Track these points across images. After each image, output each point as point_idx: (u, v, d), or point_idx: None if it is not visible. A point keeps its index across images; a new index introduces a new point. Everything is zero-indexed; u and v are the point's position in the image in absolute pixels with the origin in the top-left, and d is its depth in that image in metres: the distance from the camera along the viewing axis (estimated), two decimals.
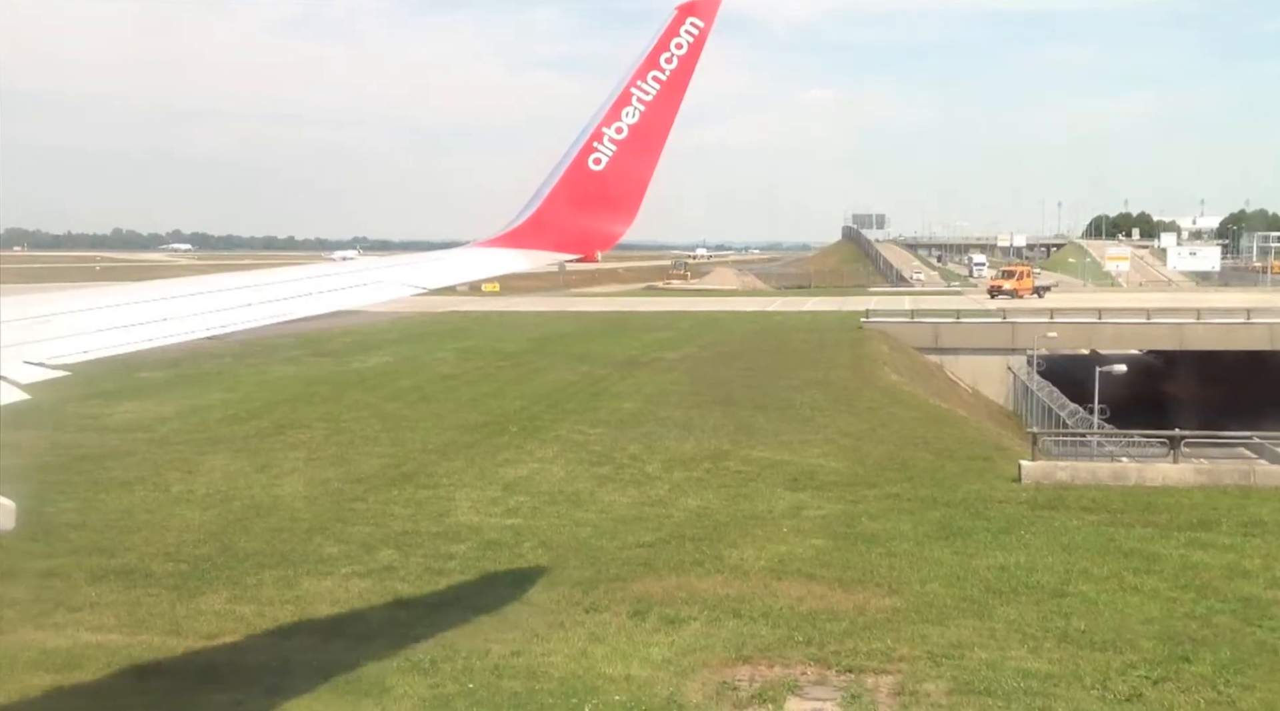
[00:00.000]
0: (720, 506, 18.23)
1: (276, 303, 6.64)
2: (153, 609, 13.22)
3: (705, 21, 7.51)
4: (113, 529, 17.15)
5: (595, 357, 45.23)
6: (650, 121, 7.49)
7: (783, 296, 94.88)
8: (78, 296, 6.62)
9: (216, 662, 11.31)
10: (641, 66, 7.51)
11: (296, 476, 21.19)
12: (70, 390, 28.18)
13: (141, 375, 38.10)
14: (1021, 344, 56.50)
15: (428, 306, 77.43)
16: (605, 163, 7.47)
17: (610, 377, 38.25)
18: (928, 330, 57.73)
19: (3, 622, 12.78)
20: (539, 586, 13.71)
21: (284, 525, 17.29)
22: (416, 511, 18.25)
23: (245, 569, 14.80)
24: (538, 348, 49.32)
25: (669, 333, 57.61)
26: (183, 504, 18.97)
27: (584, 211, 7.53)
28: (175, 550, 15.84)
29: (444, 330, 59.86)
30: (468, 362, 42.97)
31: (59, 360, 5.52)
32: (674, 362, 43.17)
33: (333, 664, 11.15)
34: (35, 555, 15.60)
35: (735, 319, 66.90)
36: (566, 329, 60.17)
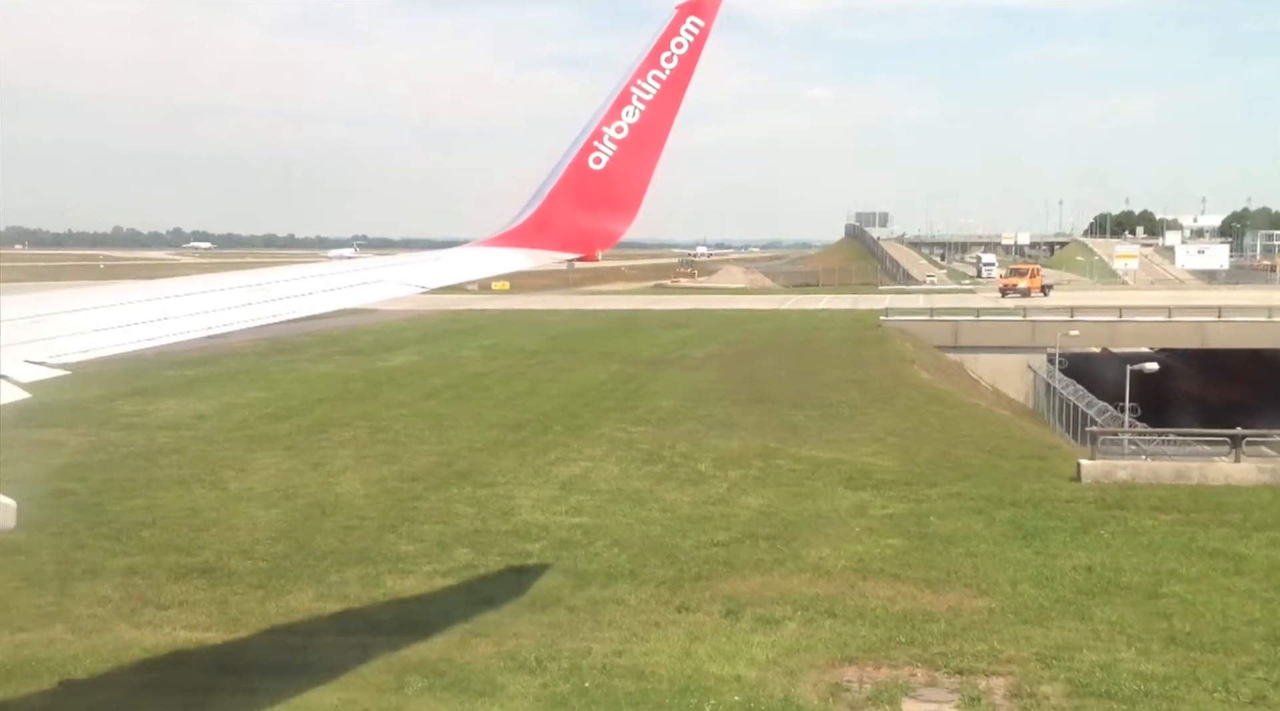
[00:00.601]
0: (783, 505, 18.26)
1: (277, 302, 6.66)
2: (242, 607, 13.25)
3: (706, 21, 7.51)
4: (182, 527, 17.18)
5: (621, 356, 45.27)
6: (650, 121, 7.49)
7: (794, 295, 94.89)
8: (78, 295, 6.64)
9: (319, 661, 11.33)
10: (642, 66, 7.51)
11: (351, 474, 21.21)
12: (107, 387, 28.41)
13: (174, 372, 38.19)
14: (1041, 342, 56.52)
15: (443, 305, 77.38)
16: (606, 162, 7.47)
17: (641, 376, 38.29)
18: (947, 328, 57.76)
19: (96, 621, 12.83)
20: (625, 585, 13.74)
21: (352, 523, 17.32)
22: (480, 510, 18.27)
23: (326, 567, 14.84)
24: (561, 346, 49.35)
25: (689, 331, 57.66)
26: (245, 502, 18.99)
27: (585, 210, 7.54)
28: (250, 548, 15.87)
29: (464, 328, 59.90)
30: (495, 361, 42.98)
31: (60, 359, 5.53)
32: (701, 361, 43.22)
33: (437, 661, 11.19)
34: (114, 553, 15.68)
35: (752, 317, 66.92)
36: (585, 327, 60.19)
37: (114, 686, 10.78)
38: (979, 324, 58.58)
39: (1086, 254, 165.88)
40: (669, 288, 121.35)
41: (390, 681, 10.75)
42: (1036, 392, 54.13)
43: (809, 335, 54.68)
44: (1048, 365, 55.44)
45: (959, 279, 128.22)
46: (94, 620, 12.88)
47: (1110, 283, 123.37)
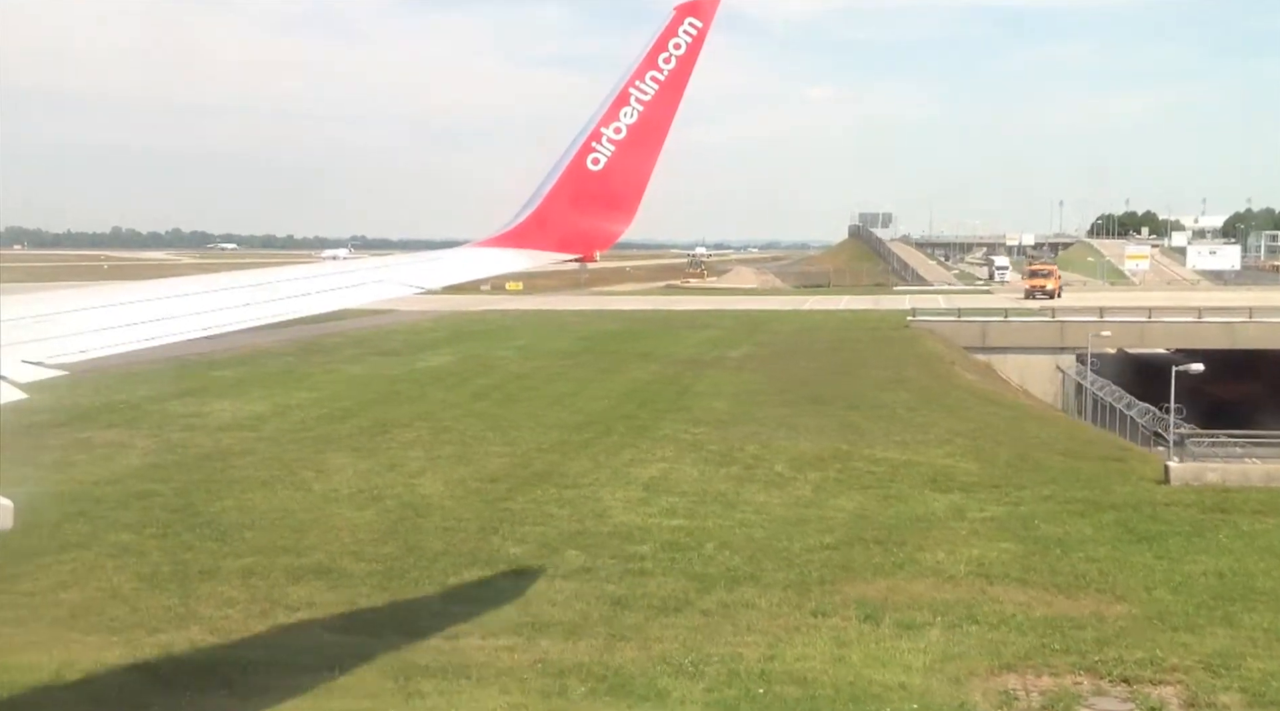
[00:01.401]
0: (876, 508, 18.24)
1: (276, 302, 6.66)
2: (374, 609, 13.22)
3: (704, 22, 7.52)
4: (282, 528, 17.16)
5: (656, 356, 45.25)
6: (648, 122, 7.50)
7: (809, 295, 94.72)
8: (76, 296, 6.64)
9: (471, 663, 11.29)
10: (640, 67, 7.51)
11: (430, 476, 21.17)
12: (155, 388, 28.37)
13: (218, 373, 38.24)
14: (1071, 343, 56.53)
15: (462, 306, 77.39)
16: (604, 163, 7.47)
17: (684, 376, 38.26)
18: (975, 329, 57.69)
19: (230, 622, 12.80)
20: (750, 589, 13.72)
21: (451, 525, 17.29)
22: (573, 511, 18.25)
23: (441, 569, 14.84)
24: (592, 346, 49.30)
25: (716, 331, 57.64)
26: (334, 503, 18.96)
27: (583, 211, 7.54)
28: (359, 550, 15.85)
29: (489, 329, 59.85)
30: (532, 362, 42.92)
31: (57, 360, 5.46)
32: (739, 361, 43.18)
33: (591, 665, 11.17)
34: (223, 554, 15.67)
35: (775, 318, 66.87)
36: (610, 328, 60.10)
37: (301, 690, 10.71)
38: (1007, 325, 58.55)
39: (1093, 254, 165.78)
40: (680, 288, 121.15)
41: (550, 685, 10.74)
42: (1066, 393, 54.04)
43: (839, 336, 54.64)
44: (1077, 365, 55.51)
45: (968, 281, 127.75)
46: (227, 621, 12.85)
47: (1119, 283, 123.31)
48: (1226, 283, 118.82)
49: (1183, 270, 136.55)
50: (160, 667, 11.29)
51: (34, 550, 15.77)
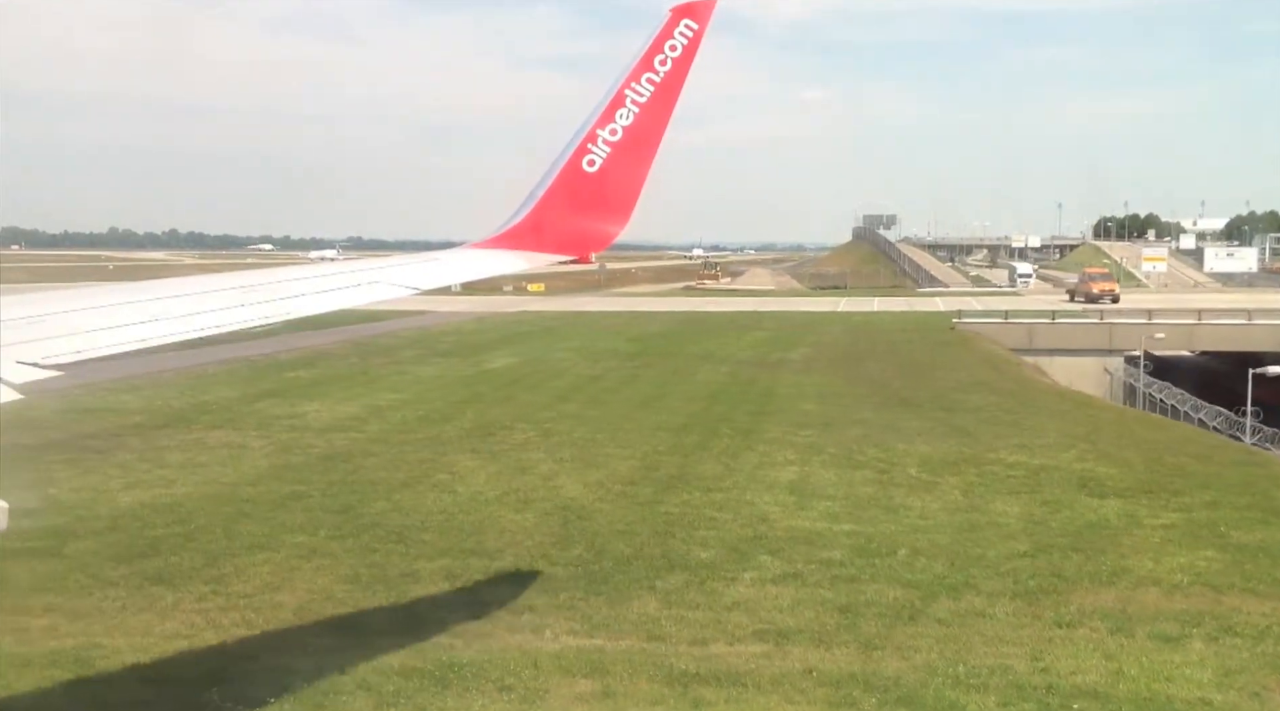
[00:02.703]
0: (1043, 514, 18.04)
1: (271, 303, 6.63)
2: (597, 612, 13.06)
3: (699, 23, 7.51)
4: (453, 530, 16.99)
5: (717, 358, 45.19)
6: (644, 123, 7.49)
7: (836, 296, 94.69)
8: (71, 296, 6.61)
9: (742, 671, 11.12)
10: (635, 68, 7.50)
11: (565, 479, 21.01)
12: (236, 389, 28.35)
13: (290, 374, 38.10)
14: (1119, 345, 56.55)
15: (495, 307, 77.55)
16: (600, 164, 7.46)
17: (759, 378, 38.15)
18: (1022, 331, 57.73)
19: (475, 626, 12.63)
20: (974, 597, 13.52)
21: (621, 528, 17.12)
22: (734, 515, 18.07)
23: (643, 574, 14.64)
24: (647, 348, 49.19)
25: (763, 333, 57.58)
26: (488, 505, 18.78)
27: (579, 212, 7.53)
28: (546, 553, 15.68)
29: (534, 331, 59.71)
30: (597, 364, 42.78)
31: (52, 360, 5.42)
32: (804, 363, 43.06)
33: (864, 675, 10.99)
34: (413, 556, 15.54)
35: (816, 320, 66.78)
36: (653, 329, 60.03)
37: (583, 697, 10.54)
38: (1055, 327, 58.56)
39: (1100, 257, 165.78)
40: (698, 289, 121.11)
41: (834, 695, 10.55)
42: (1114, 395, 53.92)
43: (889, 337, 54.56)
44: (1127, 367, 55.50)
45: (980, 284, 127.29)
46: (457, 623, 12.67)
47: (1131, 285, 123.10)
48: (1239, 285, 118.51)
49: (1193, 272, 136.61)
50: (431, 670, 11.09)
51: (221, 551, 15.68)
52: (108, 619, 12.84)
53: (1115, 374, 55.29)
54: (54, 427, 26.39)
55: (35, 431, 25.73)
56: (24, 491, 19.39)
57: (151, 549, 15.80)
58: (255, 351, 44.39)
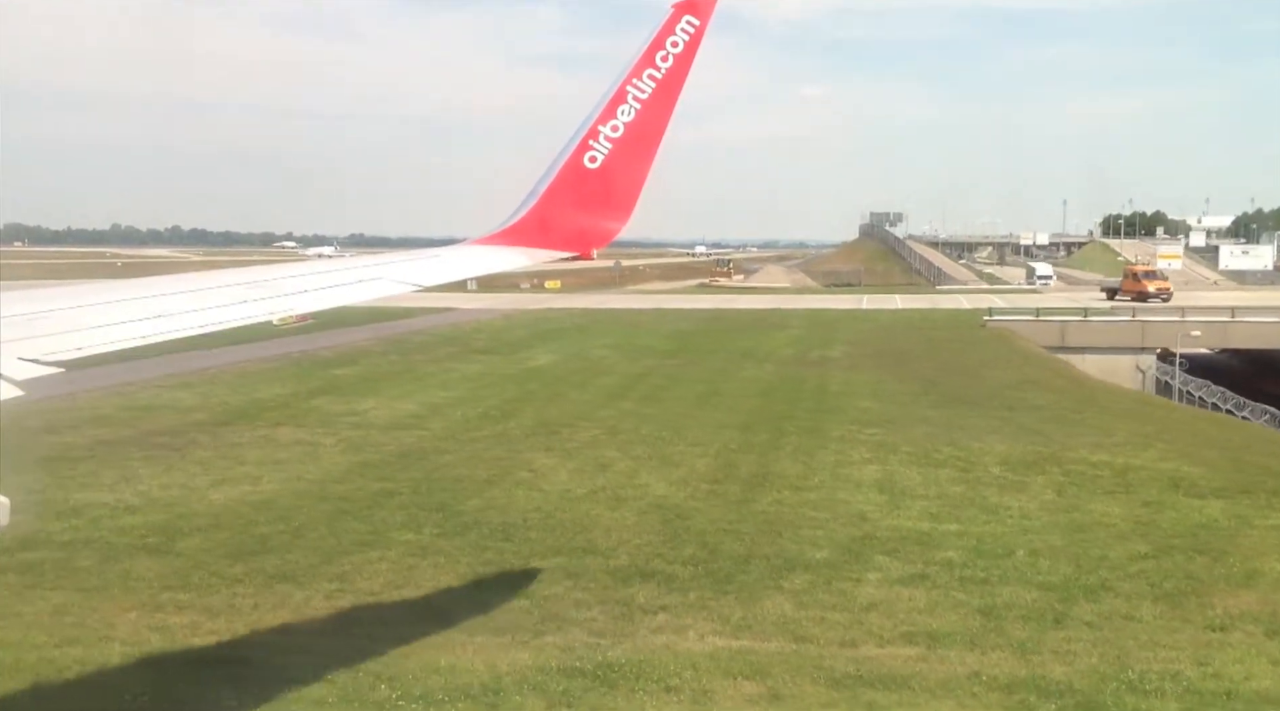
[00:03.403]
0: (1148, 515, 17.87)
1: (273, 300, 6.65)
2: (732, 612, 12.93)
3: (701, 20, 7.50)
4: (556, 528, 16.87)
5: (756, 355, 45.06)
6: (646, 120, 7.48)
7: (857, 294, 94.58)
8: (72, 292, 6.62)
9: (903, 674, 11.00)
10: (637, 65, 7.49)
11: (648, 476, 20.88)
12: (285, 387, 28.25)
13: (335, 372, 38.02)
14: (1152, 343, 56.45)
15: (519, 304, 77.46)
16: (601, 161, 7.45)
17: (806, 376, 38.01)
18: (1054, 329, 57.59)
19: (599, 624, 12.53)
20: (1112, 599, 13.39)
21: (724, 527, 17.00)
22: (831, 514, 17.93)
23: (763, 572, 14.55)
24: (683, 346, 49.04)
25: (794, 331, 57.44)
26: (580, 502, 18.67)
27: (580, 209, 7.53)
28: (656, 551, 15.57)
29: (564, 328, 59.49)
30: (639, 361, 42.62)
31: (54, 357, 5.41)
32: (847, 361, 42.90)
33: (1032, 679, 10.87)
34: (525, 555, 15.49)
35: (844, 317, 66.67)
36: (683, 327, 59.90)
37: (748, 699, 10.42)
38: (1087, 324, 58.43)
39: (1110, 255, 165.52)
40: (712, 287, 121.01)
41: (1007, 700, 10.44)
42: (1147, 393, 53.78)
43: (924, 335, 54.39)
44: (1160, 365, 55.40)
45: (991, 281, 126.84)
46: (595, 622, 12.58)
47: None
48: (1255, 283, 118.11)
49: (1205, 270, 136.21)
50: (589, 670, 10.99)
51: (333, 549, 15.59)
52: (244, 616, 12.72)
53: (1148, 371, 55.18)
54: (121, 424, 26.32)
55: (106, 428, 25.68)
56: (117, 488, 19.34)
57: (262, 546, 15.67)
58: (294, 349, 44.29)
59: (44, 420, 26.46)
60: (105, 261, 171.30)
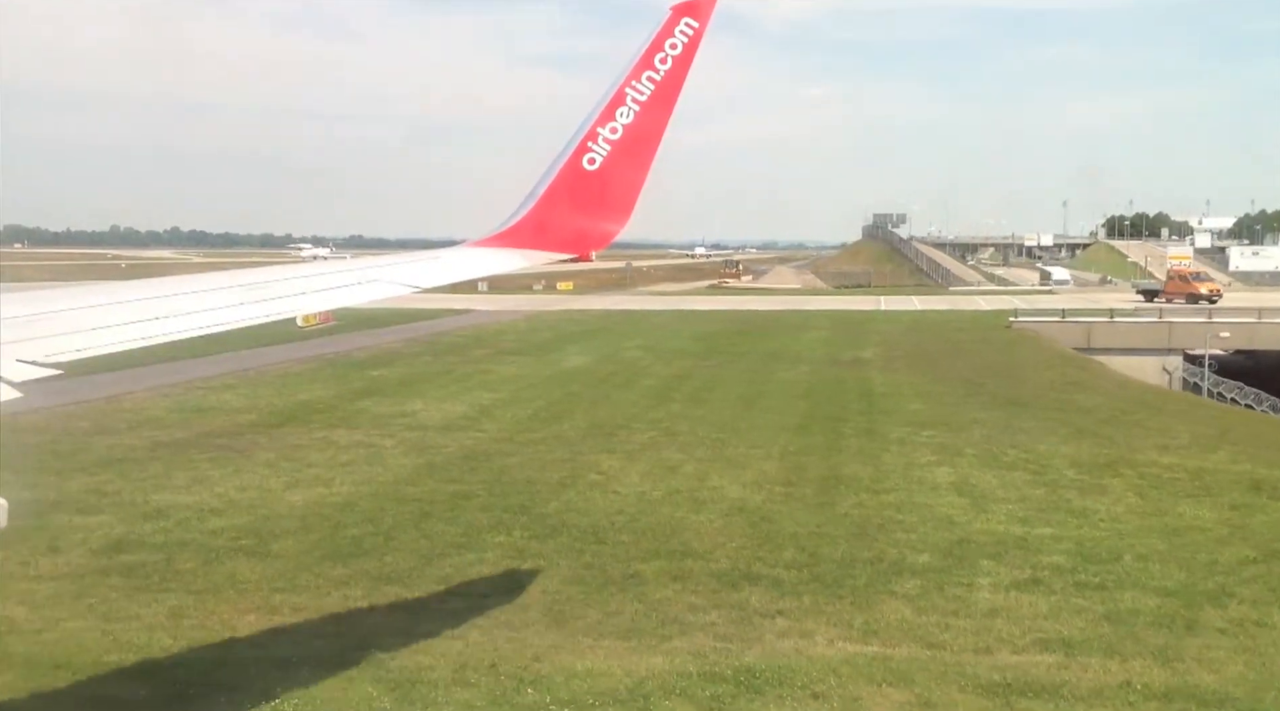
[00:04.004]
0: (1238, 518, 17.62)
1: (271, 301, 6.61)
2: (852, 617, 12.76)
3: (700, 22, 7.49)
4: (644, 531, 16.66)
5: (790, 356, 44.91)
6: (645, 121, 7.46)
7: (875, 295, 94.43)
8: (72, 294, 6.60)
9: (1050, 683, 10.80)
10: (636, 66, 7.46)
11: (718, 479, 20.72)
12: (326, 389, 28.22)
13: (374, 373, 37.89)
14: (1179, 344, 56.31)
15: (537, 306, 77.29)
16: (600, 162, 7.43)
17: (846, 377, 37.82)
18: (1080, 330, 57.41)
19: (723, 628, 12.35)
20: (1238, 606, 13.10)
21: (814, 530, 16.79)
22: (918, 517, 17.72)
23: (869, 576, 14.36)
24: (713, 347, 48.85)
25: (820, 332, 57.21)
26: (659, 505, 18.49)
27: (579, 211, 7.50)
28: (754, 554, 15.39)
29: (590, 330, 59.22)
30: (674, 363, 42.39)
31: (53, 359, 5.38)
32: (883, 362, 42.71)
33: (1186, 689, 10.68)
34: (622, 558, 15.32)
35: (867, 318, 66.56)
36: (709, 328, 59.68)
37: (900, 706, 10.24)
38: (1113, 326, 58.28)
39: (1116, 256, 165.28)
40: (723, 288, 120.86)
41: (1165, 709, 10.24)
42: None
43: (951, 336, 54.21)
44: (1186, 366, 55.28)
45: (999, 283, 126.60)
46: (717, 627, 12.41)
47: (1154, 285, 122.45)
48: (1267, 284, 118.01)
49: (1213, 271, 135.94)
50: (730, 676, 10.81)
51: (428, 552, 15.46)
52: (362, 618, 12.60)
53: (1175, 372, 55.05)
54: (175, 426, 26.12)
55: (160, 429, 25.48)
56: (193, 489, 19.15)
57: (357, 548, 15.50)
58: (326, 350, 44.19)
59: (94, 422, 26.32)
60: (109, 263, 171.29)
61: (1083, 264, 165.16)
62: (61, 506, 17.62)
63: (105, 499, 18.32)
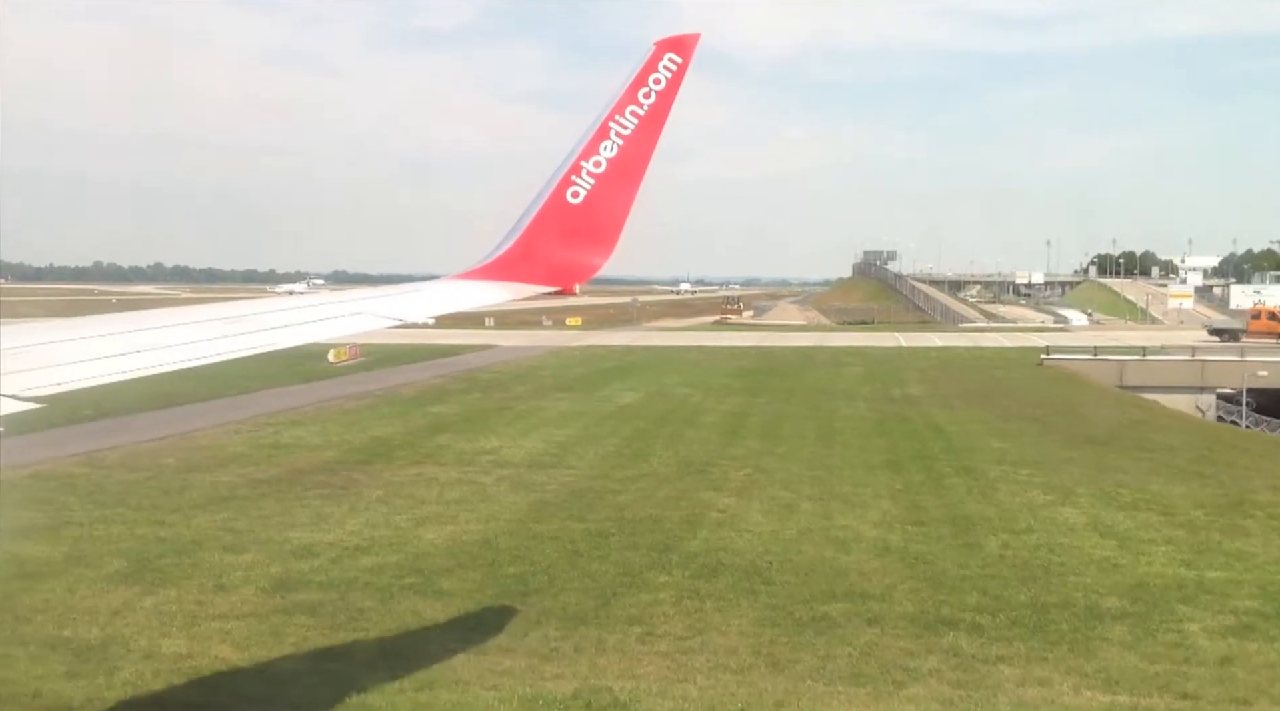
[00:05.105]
0: None
1: (253, 335, 6.57)
2: (1076, 664, 12.40)
3: (684, 58, 7.53)
4: (804, 572, 16.33)
5: (838, 393, 44.59)
6: (629, 156, 7.49)
7: (883, 332, 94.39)
8: (51, 328, 6.52)
9: None
10: (620, 101, 7.49)
11: (843, 518, 20.38)
12: (393, 425, 27.77)
13: (434, 409, 37.43)
14: (1211, 382, 56.22)
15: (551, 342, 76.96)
16: (584, 196, 7.45)
17: (910, 415, 37.43)
18: (1112, 368, 57.25)
19: (938, 675, 11.87)
20: None
21: (976, 572, 16.46)
22: (1076, 559, 17.38)
23: (1070, 621, 14.03)
24: (758, 384, 48.57)
25: (857, 368, 56.94)
26: (800, 544, 18.21)
27: (563, 244, 7.51)
28: (934, 596, 15.06)
29: (622, 366, 58.82)
30: (727, 399, 42.06)
31: (32, 393, 5.31)
32: (938, 400, 42.34)
33: None
34: (799, 600, 14.90)
35: (894, 355, 66.47)
36: (743, 364, 59.55)
37: None
38: (1146, 363, 58.11)
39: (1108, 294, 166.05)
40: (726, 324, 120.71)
41: None
42: None
43: (990, 373, 54.04)
44: (1219, 403, 55.17)
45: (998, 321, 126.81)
46: (942, 679, 11.92)
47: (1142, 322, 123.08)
48: None
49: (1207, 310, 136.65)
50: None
51: (599, 591, 15.08)
52: (584, 659, 12.20)
53: (1208, 411, 54.93)
54: (264, 463, 25.58)
55: (250, 466, 24.94)
56: (322, 527, 18.66)
57: (524, 587, 15.08)
58: (371, 386, 43.75)
59: (180, 459, 25.78)
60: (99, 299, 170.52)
61: (1074, 302, 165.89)
62: (204, 544, 17.09)
63: (241, 536, 17.79)
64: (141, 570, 15.60)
